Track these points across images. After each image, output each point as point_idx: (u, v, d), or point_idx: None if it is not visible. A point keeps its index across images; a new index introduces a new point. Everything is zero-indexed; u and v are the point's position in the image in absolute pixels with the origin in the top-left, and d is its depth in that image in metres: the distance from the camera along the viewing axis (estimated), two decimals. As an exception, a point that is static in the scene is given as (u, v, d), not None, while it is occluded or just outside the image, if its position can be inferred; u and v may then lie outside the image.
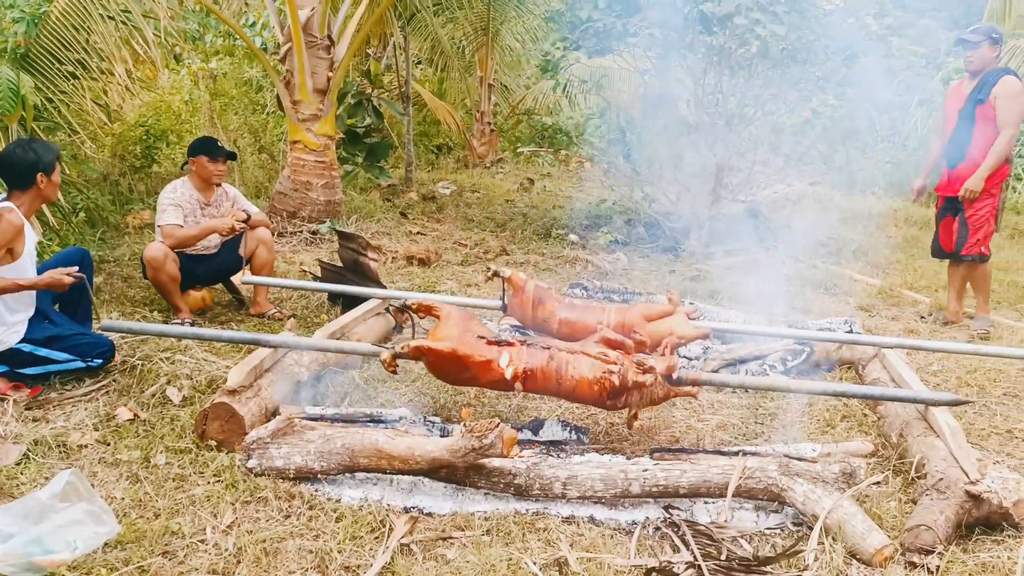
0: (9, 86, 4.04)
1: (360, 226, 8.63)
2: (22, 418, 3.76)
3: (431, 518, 3.18)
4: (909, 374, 4.18)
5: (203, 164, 5.34)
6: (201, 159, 5.34)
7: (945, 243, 6.00)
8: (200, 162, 5.35)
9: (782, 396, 4.46)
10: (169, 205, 5.25)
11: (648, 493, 3.25)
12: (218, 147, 5.41)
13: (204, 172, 5.35)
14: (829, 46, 7.63)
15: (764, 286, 6.72)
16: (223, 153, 5.41)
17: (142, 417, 3.84)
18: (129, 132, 8.95)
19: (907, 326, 5.94)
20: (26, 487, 3.19)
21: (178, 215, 5.24)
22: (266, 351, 3.99)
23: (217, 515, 3.07)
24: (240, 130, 11.20)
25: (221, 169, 5.41)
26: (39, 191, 4.08)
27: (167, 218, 5.21)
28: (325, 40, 8.37)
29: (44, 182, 4.06)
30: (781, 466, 3.21)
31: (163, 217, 5.22)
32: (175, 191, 5.32)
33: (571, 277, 7.15)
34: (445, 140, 15.58)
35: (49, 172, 4.07)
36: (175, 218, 5.22)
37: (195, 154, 5.37)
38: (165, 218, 5.21)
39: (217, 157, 5.37)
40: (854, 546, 2.94)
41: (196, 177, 5.40)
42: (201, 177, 5.38)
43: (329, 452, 3.32)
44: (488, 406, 4.31)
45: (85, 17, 6.20)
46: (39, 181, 4.04)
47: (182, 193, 5.33)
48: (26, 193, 4.05)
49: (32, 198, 4.09)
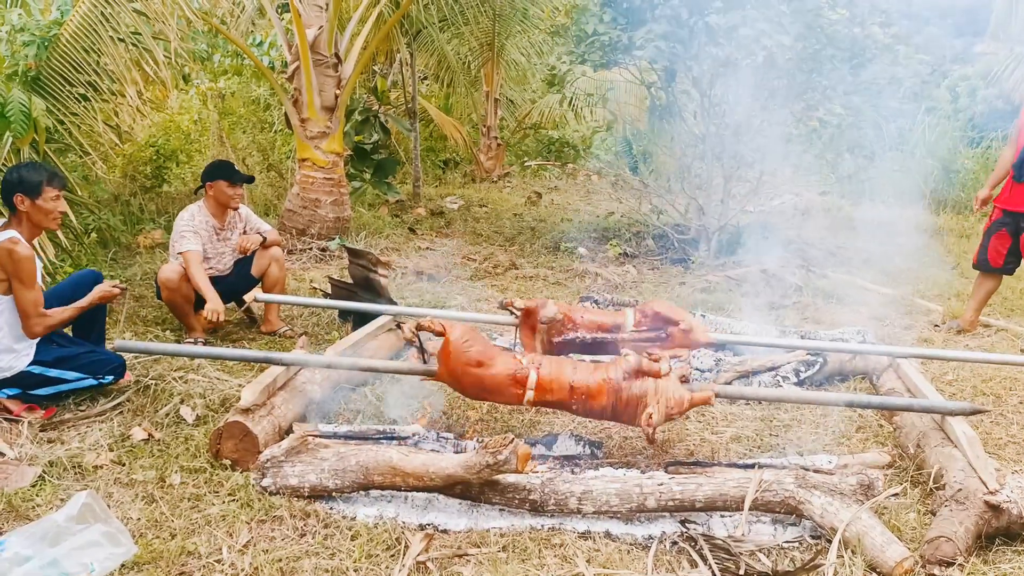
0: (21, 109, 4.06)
1: (369, 242, 8.65)
2: (37, 439, 3.77)
3: (446, 535, 3.17)
4: (924, 384, 4.15)
5: (222, 189, 5.33)
6: (220, 184, 5.32)
7: (995, 258, 5.78)
8: (219, 187, 5.33)
9: (796, 408, 4.44)
10: (188, 231, 5.24)
11: (664, 507, 3.24)
12: (237, 172, 5.41)
13: (223, 197, 5.35)
14: (835, 55, 7.63)
15: (774, 297, 6.71)
16: (242, 178, 5.41)
17: (156, 437, 3.85)
18: (139, 152, 9.00)
19: (921, 335, 5.90)
20: (42, 509, 3.20)
21: (197, 242, 5.25)
22: (279, 369, 3.99)
23: (233, 534, 3.07)
24: (248, 148, 11.26)
25: (240, 194, 5.41)
26: (26, 214, 3.95)
27: (187, 244, 5.20)
28: (332, 58, 8.42)
29: (25, 204, 3.92)
30: (798, 478, 3.19)
31: (183, 243, 5.21)
32: (192, 219, 5.30)
33: (581, 290, 7.14)
34: (452, 155, 15.63)
35: (31, 194, 3.91)
36: (195, 244, 5.23)
37: (212, 179, 5.35)
38: (185, 244, 5.20)
39: (237, 182, 5.36)
40: (874, 559, 2.92)
41: (212, 202, 5.39)
42: (219, 202, 5.37)
43: (343, 470, 3.31)
44: (501, 421, 4.30)
45: (95, 39, 6.24)
46: (17, 202, 3.92)
47: (199, 221, 5.32)
48: (15, 217, 3.97)
49: (23, 222, 3.97)
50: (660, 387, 3.51)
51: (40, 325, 3.98)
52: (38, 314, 3.95)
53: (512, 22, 13.54)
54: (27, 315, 3.92)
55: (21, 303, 3.89)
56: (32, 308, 3.92)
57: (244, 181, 5.44)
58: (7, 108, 3.98)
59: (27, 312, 3.91)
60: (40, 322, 3.97)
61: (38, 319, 3.96)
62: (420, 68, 13.45)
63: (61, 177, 4.11)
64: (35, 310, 3.93)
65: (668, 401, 3.49)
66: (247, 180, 5.50)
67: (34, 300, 3.92)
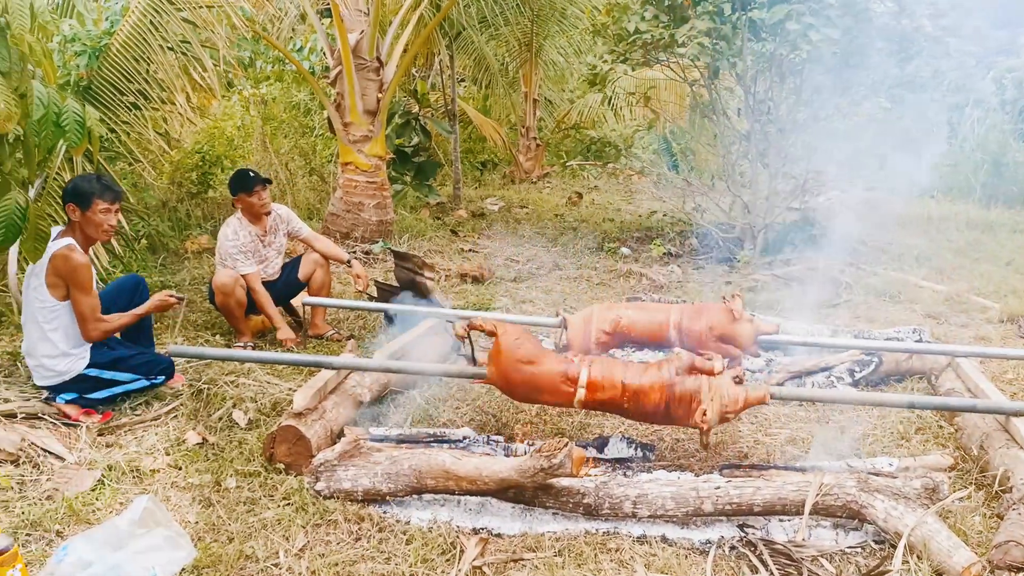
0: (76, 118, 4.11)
1: (412, 245, 8.68)
2: (95, 444, 3.83)
3: (501, 539, 3.15)
4: (986, 383, 4.05)
5: (246, 200, 5.36)
6: (242, 197, 5.36)
7: None
8: (243, 200, 5.37)
9: (852, 409, 4.35)
10: (238, 253, 5.29)
11: (721, 511, 3.19)
12: (250, 178, 5.37)
13: (251, 208, 5.38)
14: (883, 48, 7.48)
15: (824, 295, 6.59)
16: (256, 182, 5.36)
17: (211, 441, 3.88)
18: (186, 159, 9.13)
19: (978, 333, 5.76)
20: (101, 512, 3.24)
21: (251, 261, 5.32)
22: (329, 373, 4.00)
23: (289, 538, 3.08)
24: (291, 153, 11.36)
25: (263, 197, 5.39)
26: (79, 224, 4.04)
27: (245, 268, 5.29)
28: (374, 62, 8.46)
29: (76, 214, 4.01)
30: (860, 482, 3.12)
31: (240, 267, 5.28)
32: (237, 236, 5.32)
33: (625, 291, 7.09)
34: (490, 156, 15.64)
35: (83, 205, 4.00)
36: (251, 267, 5.32)
37: (235, 193, 5.39)
38: (243, 268, 5.28)
39: (253, 189, 5.34)
40: (940, 564, 2.84)
41: (246, 213, 5.43)
42: (250, 212, 5.42)
43: (396, 474, 3.31)
44: (550, 424, 4.27)
45: (145, 48, 6.35)
46: (70, 211, 4.02)
47: (243, 236, 5.35)
48: (70, 226, 4.08)
49: (76, 232, 4.05)
50: (714, 384, 3.44)
51: (97, 330, 4.07)
52: (96, 319, 4.05)
53: (550, 22, 13.52)
54: (85, 320, 4.01)
55: (79, 308, 3.98)
56: (90, 313, 4.01)
57: (259, 184, 5.38)
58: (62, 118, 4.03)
59: (85, 317, 4.01)
60: (97, 327, 4.06)
61: (95, 324, 4.05)
62: (458, 70, 13.47)
63: (116, 191, 4.13)
64: (93, 315, 4.03)
65: (722, 399, 3.41)
66: (262, 182, 5.42)
67: (92, 305, 4.02)
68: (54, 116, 4.15)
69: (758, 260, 8.13)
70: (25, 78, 4.15)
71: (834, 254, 7.83)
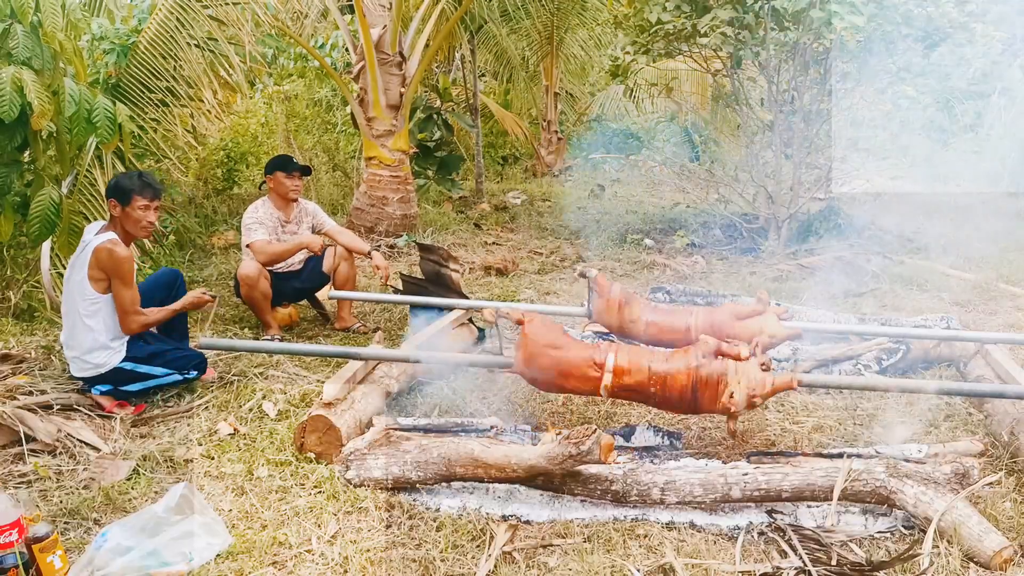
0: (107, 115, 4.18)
1: (436, 238, 8.72)
2: (129, 435, 3.90)
3: (530, 526, 3.18)
4: (1017, 370, 4.01)
5: (280, 180, 5.47)
6: (277, 175, 5.48)
7: None
8: (277, 178, 5.48)
9: (880, 396, 4.33)
10: (254, 223, 5.40)
11: (749, 497, 3.19)
12: (292, 162, 5.54)
13: (281, 188, 5.48)
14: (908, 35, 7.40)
15: (850, 284, 6.55)
16: (297, 168, 5.53)
17: (242, 431, 3.94)
18: (211, 156, 9.24)
19: (1007, 320, 5.70)
20: (137, 501, 3.30)
21: (264, 232, 5.38)
22: (358, 364, 4.05)
23: (321, 525, 3.12)
24: (314, 149, 11.45)
25: (297, 184, 5.53)
26: (119, 219, 4.12)
27: (254, 235, 5.35)
28: (397, 57, 8.51)
29: (117, 209, 4.09)
30: (889, 468, 3.11)
31: (250, 235, 5.36)
32: (256, 211, 5.47)
33: (649, 282, 7.08)
34: (512, 150, 15.65)
35: (122, 200, 4.07)
36: (262, 235, 5.36)
37: (271, 171, 5.52)
38: (252, 235, 5.35)
39: (292, 171, 5.49)
40: (971, 549, 2.83)
41: (274, 195, 5.53)
42: (279, 194, 5.51)
43: (426, 462, 3.35)
44: (576, 413, 4.29)
45: (172, 46, 6.44)
46: (111, 207, 4.11)
47: (264, 212, 5.47)
48: (111, 221, 4.16)
49: (117, 227, 4.13)
50: (740, 368, 3.44)
51: (136, 323, 4.15)
52: (135, 312, 4.14)
53: (571, 15, 13.49)
54: (125, 312, 4.10)
55: (120, 301, 4.08)
56: (131, 306, 4.11)
57: (299, 170, 5.54)
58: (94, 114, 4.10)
59: (125, 309, 4.10)
60: (136, 320, 4.15)
61: (135, 316, 4.14)
62: (479, 64, 13.49)
63: (155, 189, 4.19)
64: (133, 308, 4.12)
65: (750, 383, 3.41)
66: (303, 170, 5.58)
67: (132, 298, 4.11)
68: (86, 113, 4.24)
69: (782, 250, 8.09)
70: (57, 75, 4.25)
71: (859, 243, 7.78)
